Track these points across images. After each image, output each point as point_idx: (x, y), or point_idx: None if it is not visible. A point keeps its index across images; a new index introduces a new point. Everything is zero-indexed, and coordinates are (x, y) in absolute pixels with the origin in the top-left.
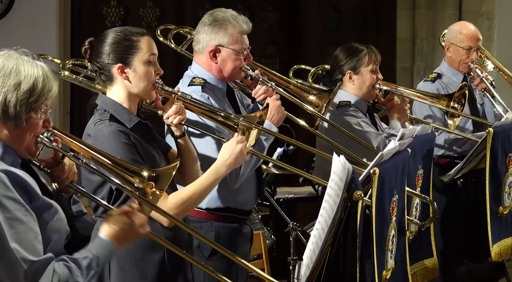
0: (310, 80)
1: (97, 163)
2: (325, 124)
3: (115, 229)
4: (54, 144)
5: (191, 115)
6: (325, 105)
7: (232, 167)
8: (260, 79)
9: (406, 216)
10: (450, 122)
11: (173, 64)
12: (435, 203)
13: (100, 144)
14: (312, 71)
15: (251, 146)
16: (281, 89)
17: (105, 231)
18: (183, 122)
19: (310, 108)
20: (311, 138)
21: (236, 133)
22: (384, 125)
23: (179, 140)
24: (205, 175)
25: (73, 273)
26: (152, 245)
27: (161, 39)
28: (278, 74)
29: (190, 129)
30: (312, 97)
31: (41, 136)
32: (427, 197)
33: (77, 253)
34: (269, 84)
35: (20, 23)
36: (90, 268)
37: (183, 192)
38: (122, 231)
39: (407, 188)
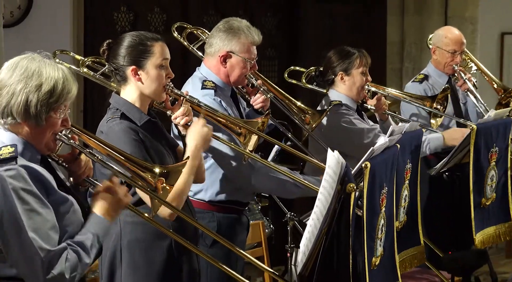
0: (304, 80)
1: (112, 159)
2: (323, 122)
3: (104, 205)
4: (71, 141)
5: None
6: (314, 124)
7: (202, 148)
8: (261, 89)
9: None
10: (433, 121)
11: (179, 63)
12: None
13: (111, 140)
14: (305, 72)
15: (249, 150)
16: (278, 102)
17: (96, 209)
18: (189, 123)
19: (301, 124)
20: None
21: (196, 118)
22: (371, 123)
23: (185, 139)
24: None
25: (81, 258)
26: (160, 233)
27: (175, 35)
28: (278, 88)
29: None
30: (306, 116)
31: (59, 133)
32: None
33: (78, 235)
34: (268, 95)
35: (36, 27)
36: (93, 246)
37: (177, 184)
38: (110, 205)
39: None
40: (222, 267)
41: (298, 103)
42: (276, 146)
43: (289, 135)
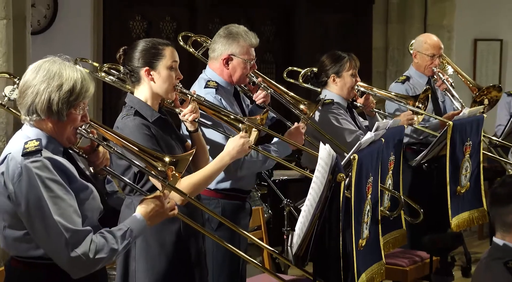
0: (301, 80)
1: (127, 150)
2: (315, 118)
3: (148, 209)
4: (90, 135)
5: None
6: (311, 113)
7: (235, 157)
8: (262, 85)
9: (380, 208)
10: (415, 118)
11: (187, 68)
12: (402, 197)
13: (126, 135)
14: (302, 72)
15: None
16: (277, 95)
17: (139, 210)
18: (196, 120)
19: (299, 113)
20: None
21: (241, 131)
22: (361, 119)
23: (193, 134)
24: (212, 163)
25: (108, 241)
26: (170, 217)
27: (181, 43)
28: (276, 83)
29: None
30: (302, 106)
31: (79, 128)
32: (396, 192)
33: (114, 227)
34: (268, 91)
35: (60, 34)
36: (124, 238)
37: (194, 176)
38: (154, 211)
39: (380, 185)
40: (227, 246)
41: (295, 95)
42: (274, 138)
43: (289, 125)
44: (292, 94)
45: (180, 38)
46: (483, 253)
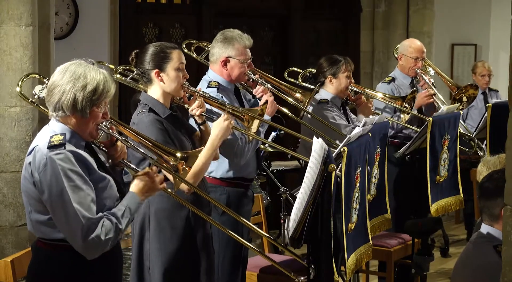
0: (300, 79)
1: (142, 145)
2: (308, 115)
3: (140, 185)
4: (110, 130)
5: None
6: (307, 101)
7: (222, 138)
8: (259, 81)
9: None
10: (402, 116)
11: (194, 70)
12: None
13: (141, 129)
14: (301, 73)
15: (253, 132)
16: (274, 89)
17: (132, 187)
18: (203, 113)
19: (296, 102)
20: (297, 125)
21: (223, 113)
22: (353, 116)
23: (201, 126)
24: (206, 149)
25: (113, 222)
26: (180, 204)
27: (185, 50)
28: (272, 76)
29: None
30: (298, 95)
31: (100, 124)
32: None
33: (115, 207)
34: (266, 85)
35: (81, 39)
36: (124, 216)
37: (195, 165)
38: (145, 187)
39: None
40: (229, 233)
41: (291, 86)
42: (272, 133)
43: (287, 110)
44: (287, 84)
45: (184, 45)
46: (471, 238)
